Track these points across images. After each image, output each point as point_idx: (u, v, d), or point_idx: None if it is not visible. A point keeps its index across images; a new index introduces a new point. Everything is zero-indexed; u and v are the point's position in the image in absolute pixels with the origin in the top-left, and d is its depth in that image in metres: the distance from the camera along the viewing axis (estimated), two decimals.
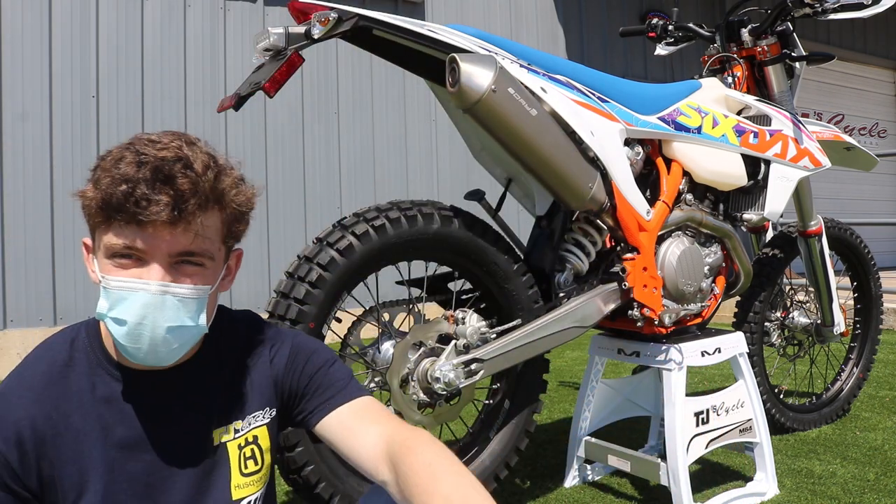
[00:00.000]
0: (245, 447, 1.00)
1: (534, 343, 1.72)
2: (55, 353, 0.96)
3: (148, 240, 0.86)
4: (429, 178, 5.30)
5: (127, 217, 0.85)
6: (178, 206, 0.85)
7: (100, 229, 0.88)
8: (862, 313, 2.84)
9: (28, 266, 4.02)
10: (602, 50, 6.23)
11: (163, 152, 0.87)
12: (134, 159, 0.86)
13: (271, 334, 1.08)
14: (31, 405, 0.91)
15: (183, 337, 0.90)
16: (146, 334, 0.87)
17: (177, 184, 0.85)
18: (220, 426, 0.99)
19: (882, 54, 8.76)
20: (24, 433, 0.89)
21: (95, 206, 0.86)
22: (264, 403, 1.03)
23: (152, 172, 0.85)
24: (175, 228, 0.86)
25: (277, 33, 1.50)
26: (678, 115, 1.93)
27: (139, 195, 0.83)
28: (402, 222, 1.62)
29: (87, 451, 0.91)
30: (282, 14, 4.75)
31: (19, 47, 4.05)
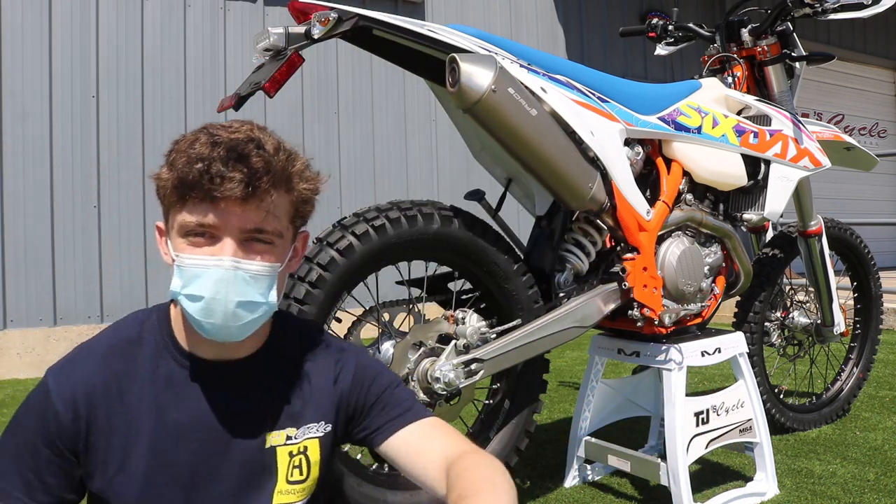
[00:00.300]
0: (295, 455, 1.01)
1: (534, 343, 1.72)
2: (125, 331, 0.99)
3: (221, 216, 0.89)
4: (429, 178, 5.30)
5: (201, 194, 0.87)
6: (251, 183, 0.88)
7: (174, 209, 0.91)
8: (862, 313, 2.84)
9: (28, 266, 4.02)
10: (602, 50, 6.23)
11: (235, 134, 0.91)
12: (208, 140, 0.89)
13: (336, 349, 1.09)
14: (92, 372, 0.94)
15: (254, 312, 0.92)
16: (219, 309, 0.89)
17: (251, 161, 0.88)
18: (273, 430, 1.00)
19: (882, 54, 8.76)
20: (79, 397, 0.92)
21: (171, 185, 0.89)
22: (320, 417, 1.04)
23: (226, 151, 0.88)
24: (247, 205, 0.89)
25: (277, 33, 1.50)
26: (678, 115, 1.93)
27: (214, 172, 0.86)
28: (402, 222, 1.62)
29: (137, 429, 0.93)
30: (282, 14, 4.75)
31: (19, 47, 4.05)
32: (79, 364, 0.96)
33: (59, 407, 0.92)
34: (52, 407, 0.92)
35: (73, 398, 0.93)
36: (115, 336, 0.99)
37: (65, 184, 4.13)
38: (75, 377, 0.94)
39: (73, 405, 0.92)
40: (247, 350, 1.00)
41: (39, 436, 0.92)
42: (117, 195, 4.26)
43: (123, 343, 0.98)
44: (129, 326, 1.00)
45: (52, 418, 0.92)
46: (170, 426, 0.94)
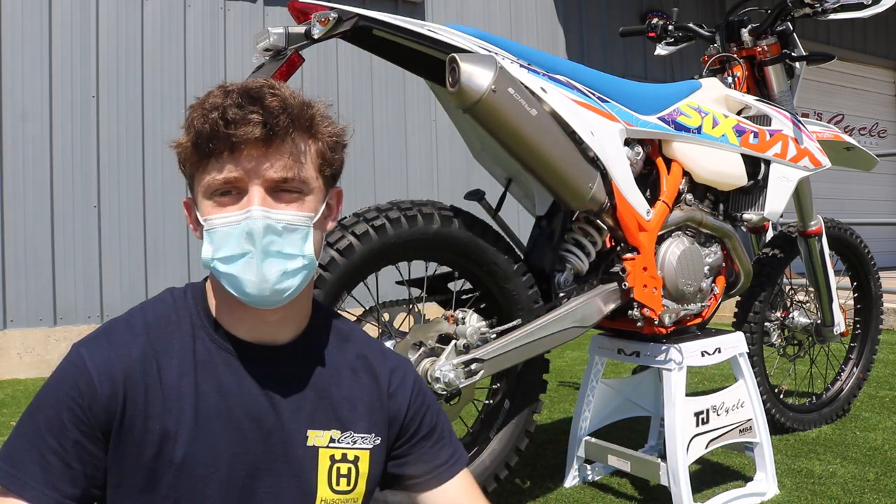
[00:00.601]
0: (340, 462, 0.95)
1: (534, 343, 1.72)
2: (160, 308, 0.94)
3: (244, 163, 0.85)
4: (429, 178, 5.30)
5: (220, 144, 0.84)
6: (268, 122, 0.84)
7: (197, 173, 0.88)
8: (862, 313, 2.84)
9: (28, 266, 4.02)
10: (602, 50, 6.23)
11: (247, 83, 0.89)
12: (220, 91, 0.87)
13: (392, 358, 1.05)
14: (131, 347, 0.88)
15: (290, 266, 0.87)
16: (253, 265, 0.85)
17: (266, 101, 0.85)
18: (315, 427, 0.94)
19: (882, 54, 8.76)
20: (117, 372, 0.86)
21: (191, 145, 0.87)
22: (372, 428, 0.98)
23: (240, 96, 0.85)
24: (269, 148, 0.85)
25: (277, 33, 1.50)
26: (678, 115, 1.93)
27: (230, 117, 0.84)
28: (402, 222, 1.62)
29: (177, 414, 0.87)
30: (282, 14, 4.75)
31: (19, 47, 4.05)
32: (115, 337, 0.89)
33: (95, 379, 0.85)
34: (87, 378, 0.85)
35: (111, 371, 0.86)
36: (150, 313, 0.93)
37: (65, 184, 4.13)
38: (113, 350, 0.87)
39: (111, 378, 0.85)
40: (286, 334, 0.95)
41: (69, 412, 0.84)
42: (117, 195, 4.26)
43: (159, 320, 0.92)
44: (163, 304, 0.94)
45: (87, 391, 0.84)
46: (211, 411, 0.88)
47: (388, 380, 1.01)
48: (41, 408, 0.85)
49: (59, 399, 0.84)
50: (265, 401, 0.91)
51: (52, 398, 0.85)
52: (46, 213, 4.08)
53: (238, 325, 0.92)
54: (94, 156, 4.21)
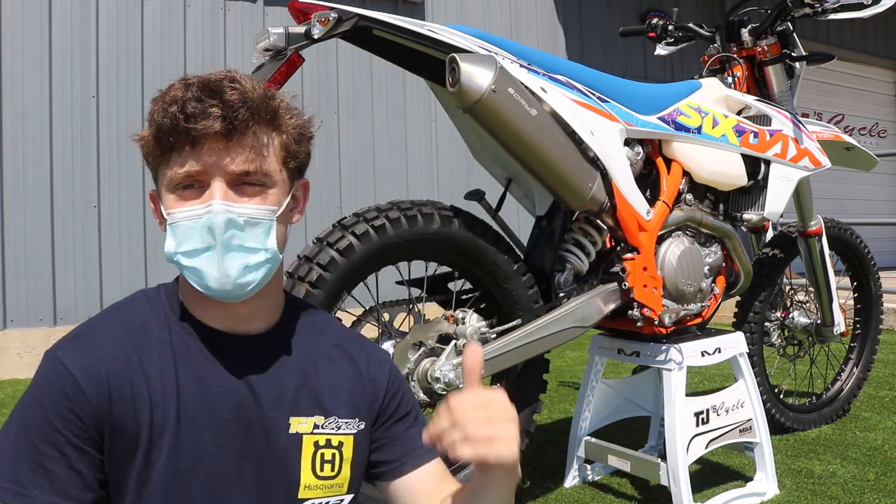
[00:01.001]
0: (324, 448, 0.95)
1: (534, 343, 1.72)
2: (133, 307, 0.94)
3: (204, 157, 0.85)
4: (429, 178, 5.30)
5: (181, 138, 0.84)
6: (228, 116, 0.84)
7: (160, 167, 0.88)
8: (862, 313, 2.84)
9: (28, 266, 4.02)
10: (602, 50, 6.23)
11: (208, 75, 0.89)
12: (181, 84, 0.87)
13: (368, 345, 1.05)
14: (110, 345, 0.88)
15: (252, 260, 0.87)
16: (214, 260, 0.85)
17: (225, 95, 0.85)
18: (297, 415, 0.94)
19: (882, 54, 8.76)
20: (101, 370, 0.85)
21: (152, 138, 0.87)
22: (354, 413, 0.98)
23: (199, 89, 0.85)
24: (230, 142, 0.85)
25: (277, 33, 1.50)
26: (678, 115, 1.93)
27: (189, 111, 0.83)
28: (402, 222, 1.62)
29: (162, 406, 0.87)
30: (282, 14, 4.75)
31: (19, 47, 4.05)
32: (91, 338, 0.88)
33: (80, 382, 0.83)
34: (71, 382, 0.83)
35: (95, 372, 0.84)
36: (124, 312, 0.93)
37: (65, 184, 4.13)
38: (91, 351, 0.86)
39: (96, 379, 0.84)
40: (260, 324, 0.95)
41: (61, 419, 0.82)
42: (117, 195, 4.26)
43: (133, 318, 0.91)
44: (136, 303, 0.94)
45: (74, 396, 0.83)
46: (193, 403, 0.88)
47: (367, 365, 1.02)
48: (30, 420, 0.83)
49: (48, 408, 0.83)
50: (245, 390, 0.91)
51: (40, 409, 0.83)
52: (46, 213, 4.07)
53: (210, 316, 0.92)
54: (94, 156, 4.21)
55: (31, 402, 0.85)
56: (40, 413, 0.83)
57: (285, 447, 0.93)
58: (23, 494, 0.81)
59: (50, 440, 0.82)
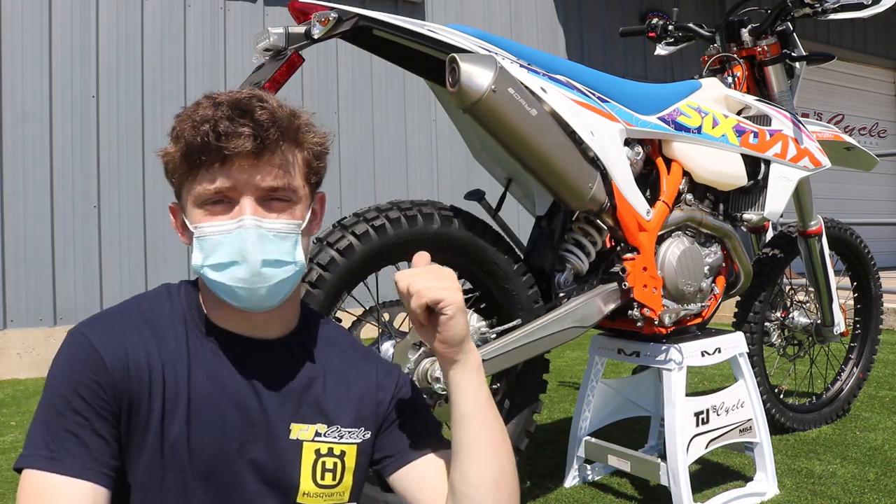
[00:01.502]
0: (325, 456, 0.96)
1: (534, 343, 1.72)
2: (154, 300, 0.96)
3: (235, 175, 0.87)
4: (429, 178, 5.30)
5: (212, 156, 0.86)
6: (259, 135, 0.87)
7: (187, 182, 0.90)
8: (862, 313, 2.84)
9: (28, 266, 4.03)
10: (602, 50, 6.23)
11: (235, 94, 0.90)
12: (210, 103, 0.89)
13: (377, 357, 1.08)
14: (130, 331, 0.89)
15: (283, 271, 0.90)
16: (246, 271, 0.87)
17: (256, 115, 0.87)
18: (299, 421, 0.96)
19: (882, 54, 8.76)
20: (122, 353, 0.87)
21: (180, 156, 0.88)
22: (359, 423, 1.00)
23: (230, 108, 0.87)
24: (259, 160, 0.88)
25: (277, 33, 1.50)
26: (678, 115, 1.93)
27: (221, 130, 0.85)
28: (402, 222, 1.62)
29: (174, 396, 0.89)
30: (282, 14, 4.75)
31: (19, 47, 4.05)
32: (115, 320, 0.90)
33: (105, 358, 0.85)
34: (97, 357, 0.85)
35: (118, 352, 0.86)
36: (146, 303, 0.95)
37: (65, 184, 4.13)
38: (115, 334, 0.88)
39: (119, 359, 0.86)
40: (276, 331, 0.97)
41: (88, 391, 0.84)
42: (117, 195, 4.27)
43: (155, 309, 0.94)
44: (159, 295, 0.96)
45: (100, 370, 0.85)
46: (202, 399, 0.90)
47: (375, 373, 1.04)
48: (58, 391, 0.85)
49: (76, 380, 0.85)
50: (251, 392, 0.93)
51: (69, 381, 0.85)
52: (46, 213, 4.08)
53: (227, 320, 0.95)
54: (94, 156, 4.21)
55: (60, 375, 0.86)
56: (69, 384, 0.85)
57: (285, 452, 0.94)
58: (57, 460, 0.82)
59: (78, 410, 0.84)
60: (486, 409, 0.96)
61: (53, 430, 0.83)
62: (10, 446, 2.63)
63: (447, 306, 0.90)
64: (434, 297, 0.90)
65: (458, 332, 0.92)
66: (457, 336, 0.93)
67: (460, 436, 0.95)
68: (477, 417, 0.95)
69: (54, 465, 0.82)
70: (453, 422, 0.96)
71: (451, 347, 0.94)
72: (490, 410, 0.97)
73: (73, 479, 0.81)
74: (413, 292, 0.91)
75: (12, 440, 2.71)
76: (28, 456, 0.83)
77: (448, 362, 0.96)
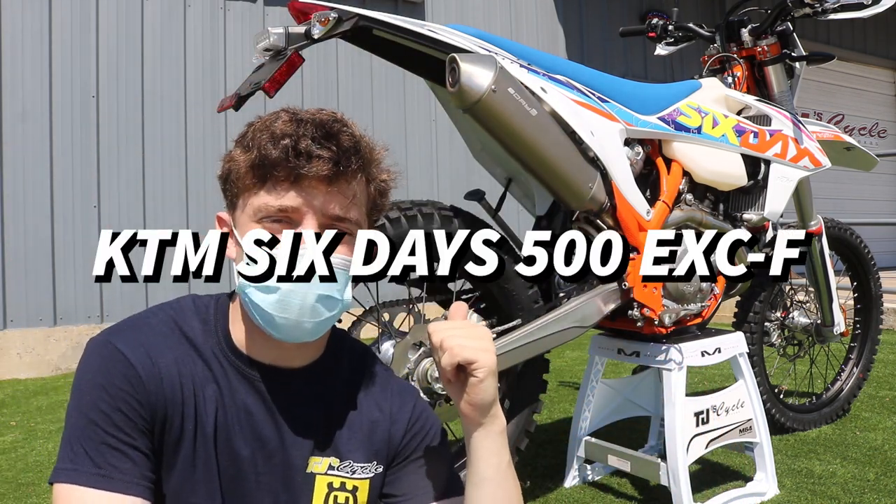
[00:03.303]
0: (338, 490, 0.93)
1: (534, 343, 1.72)
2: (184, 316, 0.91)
3: (304, 197, 0.82)
4: (429, 178, 5.30)
5: (285, 172, 0.82)
6: (340, 163, 0.82)
7: (248, 192, 0.85)
8: (862, 313, 2.84)
9: (28, 266, 4.03)
10: (602, 50, 6.23)
11: (318, 114, 0.86)
12: (291, 118, 0.84)
13: (395, 384, 1.03)
14: (163, 348, 0.86)
15: (330, 310, 0.86)
16: (296, 302, 0.82)
17: (340, 140, 0.83)
18: (315, 454, 0.93)
19: (882, 54, 8.76)
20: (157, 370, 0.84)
21: (247, 166, 0.83)
22: (372, 457, 0.96)
23: (315, 128, 0.83)
24: (331, 187, 0.83)
25: (277, 33, 1.50)
26: (678, 115, 1.93)
27: (303, 148, 0.81)
28: (402, 222, 1.62)
29: (199, 417, 0.86)
30: (282, 14, 4.75)
31: (19, 47, 4.05)
32: (148, 335, 0.86)
33: (141, 373, 0.82)
34: (134, 372, 0.82)
35: (152, 368, 0.83)
36: (178, 318, 0.90)
37: (65, 184, 4.13)
38: (149, 349, 0.84)
39: (153, 376, 0.83)
40: (303, 360, 0.93)
41: (126, 405, 0.80)
42: (117, 195, 4.27)
43: (188, 328, 0.90)
44: (188, 312, 0.91)
45: (137, 384, 0.81)
46: (222, 425, 0.87)
47: (390, 405, 0.99)
48: (97, 405, 0.81)
49: (115, 395, 0.81)
50: (271, 423, 0.90)
51: (108, 395, 0.81)
52: (46, 213, 4.08)
53: (255, 347, 0.91)
54: (94, 156, 4.21)
55: (92, 386, 0.82)
56: (105, 397, 0.81)
57: (300, 484, 0.92)
58: (105, 476, 0.79)
59: (117, 424, 0.81)
60: (505, 474, 0.91)
61: (96, 446, 0.80)
62: (10, 446, 2.63)
63: (479, 369, 0.85)
64: (467, 357, 0.85)
65: (487, 397, 0.87)
66: (485, 400, 0.87)
67: (477, 498, 0.91)
68: (496, 482, 0.90)
69: (104, 482, 0.79)
70: (471, 482, 0.92)
71: (477, 410, 0.88)
72: (509, 474, 0.92)
73: (123, 495, 0.79)
74: (446, 348, 0.85)
75: (12, 440, 2.71)
76: (71, 471, 0.79)
77: (473, 424, 0.90)
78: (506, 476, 0.91)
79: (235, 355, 0.90)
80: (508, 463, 0.92)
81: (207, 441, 0.87)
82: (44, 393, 3.52)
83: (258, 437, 0.89)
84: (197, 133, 4.47)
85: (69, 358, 4.04)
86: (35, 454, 2.52)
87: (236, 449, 0.88)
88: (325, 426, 0.94)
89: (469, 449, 0.91)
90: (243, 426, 0.89)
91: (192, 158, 4.47)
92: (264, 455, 0.90)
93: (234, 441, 0.88)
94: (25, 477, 2.29)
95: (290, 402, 0.92)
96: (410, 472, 0.99)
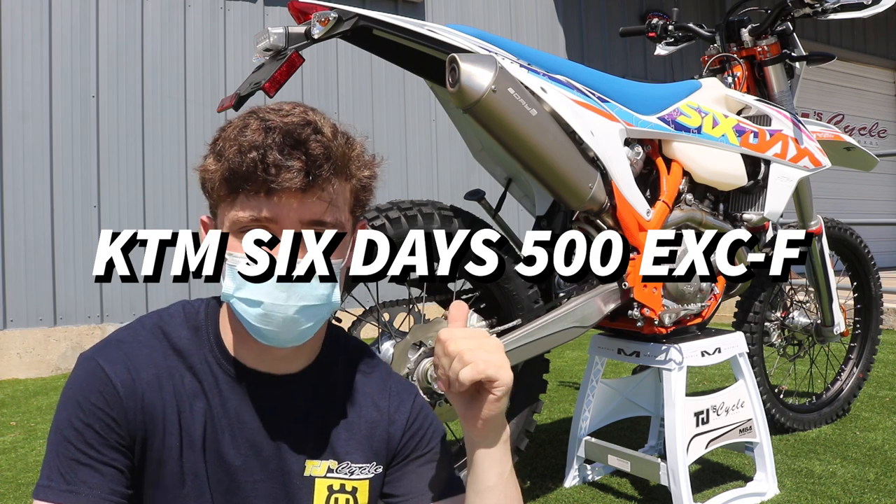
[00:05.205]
0: (338, 493, 0.92)
1: (534, 343, 1.72)
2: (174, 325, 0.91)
3: (277, 209, 0.81)
4: (429, 178, 5.30)
5: (256, 186, 0.80)
6: (311, 172, 0.80)
7: (224, 204, 0.83)
8: (862, 313, 2.84)
9: (28, 266, 4.03)
10: (602, 50, 6.23)
11: (289, 118, 0.83)
12: (259, 126, 0.81)
13: (394, 382, 1.01)
14: (147, 361, 0.85)
15: (316, 315, 0.85)
16: (278, 314, 0.82)
17: (309, 148, 0.80)
18: (313, 457, 0.92)
19: (882, 54, 8.76)
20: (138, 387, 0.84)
21: (219, 178, 0.82)
22: (371, 457, 0.95)
23: (282, 137, 0.80)
24: (306, 196, 0.81)
25: (277, 33, 1.50)
26: (678, 114, 1.93)
27: (270, 161, 0.79)
28: (402, 222, 1.62)
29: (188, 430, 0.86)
30: (282, 14, 4.76)
31: (19, 47, 4.05)
32: (131, 349, 0.86)
33: (119, 390, 0.82)
34: (111, 389, 0.82)
35: (133, 385, 0.83)
36: (166, 327, 0.90)
37: (65, 184, 4.13)
38: (131, 365, 0.84)
39: (133, 393, 0.83)
40: (297, 365, 0.93)
41: (101, 423, 0.81)
42: (117, 195, 4.27)
43: (175, 338, 0.89)
44: (175, 319, 0.91)
45: (113, 401, 0.82)
46: (215, 434, 0.87)
47: (388, 405, 0.99)
48: (72, 423, 0.82)
49: (88, 410, 0.82)
50: (265, 429, 0.90)
51: (81, 411, 0.82)
52: (46, 213, 4.08)
53: (248, 354, 0.90)
54: (94, 156, 4.21)
55: (71, 404, 0.83)
56: (81, 415, 0.82)
57: (299, 488, 0.91)
58: (72, 491, 0.80)
59: (90, 441, 0.81)
60: (508, 483, 0.90)
61: (67, 462, 0.81)
62: (10, 446, 2.63)
63: (499, 387, 0.83)
64: (491, 375, 0.81)
65: (501, 413, 0.86)
66: (498, 416, 0.86)
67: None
68: (499, 491, 0.89)
69: (72, 497, 0.79)
70: (473, 490, 0.90)
71: (488, 425, 0.86)
72: (512, 483, 0.91)
73: None
74: (468, 361, 0.81)
75: (12, 440, 2.71)
76: (45, 487, 0.81)
77: (479, 437, 0.88)
78: (508, 484, 0.90)
79: (228, 362, 0.90)
80: (511, 471, 0.91)
81: (196, 455, 0.86)
82: (44, 393, 3.52)
83: (252, 445, 0.89)
84: (197, 133, 4.47)
85: (69, 358, 4.04)
86: (35, 454, 2.52)
87: (228, 459, 0.88)
88: (322, 428, 0.94)
89: (472, 457, 0.89)
90: (236, 435, 0.88)
91: (192, 158, 4.47)
92: (260, 462, 0.89)
93: (225, 452, 0.88)
94: (25, 477, 2.29)
95: (285, 407, 0.91)
96: (410, 471, 0.98)
